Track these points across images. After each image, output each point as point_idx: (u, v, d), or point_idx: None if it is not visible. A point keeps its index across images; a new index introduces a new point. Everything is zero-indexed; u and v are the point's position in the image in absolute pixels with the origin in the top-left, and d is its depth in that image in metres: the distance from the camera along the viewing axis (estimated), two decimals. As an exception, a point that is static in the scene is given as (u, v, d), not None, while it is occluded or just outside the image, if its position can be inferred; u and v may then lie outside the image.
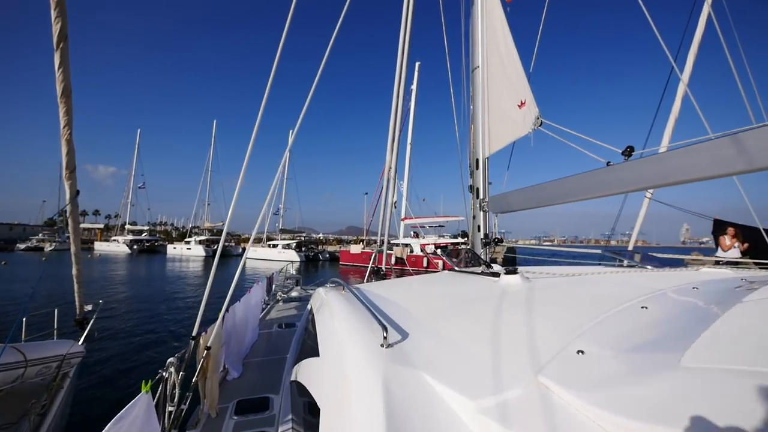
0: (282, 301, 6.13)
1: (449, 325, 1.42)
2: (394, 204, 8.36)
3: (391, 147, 8.31)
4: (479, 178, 4.42)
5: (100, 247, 55.79)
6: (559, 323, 1.34)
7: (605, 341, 1.12)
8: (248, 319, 3.91)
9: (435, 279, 2.83)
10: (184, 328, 9.90)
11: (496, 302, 1.66)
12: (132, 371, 6.80)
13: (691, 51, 6.69)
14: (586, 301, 1.60)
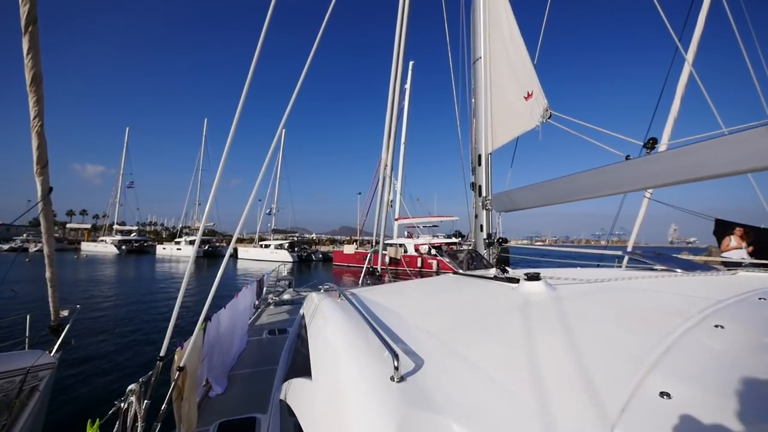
0: (273, 304, 5.84)
1: (472, 347, 1.15)
2: (390, 203, 8.11)
3: (387, 144, 8.05)
4: (481, 175, 4.19)
5: (87, 247, 54.49)
6: (615, 348, 1.06)
7: (693, 378, 0.87)
8: (235, 326, 3.63)
9: (441, 284, 2.58)
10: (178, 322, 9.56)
11: (523, 316, 1.40)
12: (112, 383, 6.42)
13: (697, 30, 6.36)
14: (637, 317, 1.34)
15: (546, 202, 3.29)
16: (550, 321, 1.32)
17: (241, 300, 3.96)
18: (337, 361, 1.16)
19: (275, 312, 5.24)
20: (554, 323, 1.28)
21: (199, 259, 41.52)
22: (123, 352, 7.87)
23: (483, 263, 3.37)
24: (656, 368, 0.90)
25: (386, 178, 7.91)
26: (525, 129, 3.61)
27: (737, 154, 1.80)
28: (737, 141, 1.80)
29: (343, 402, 0.95)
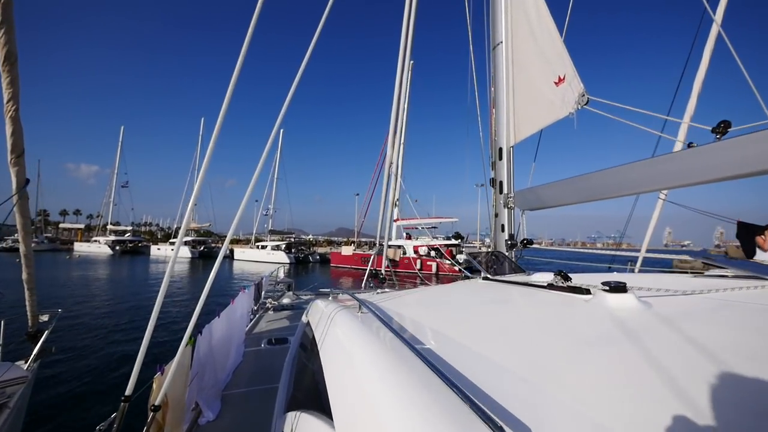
0: (272, 309, 5.43)
1: (587, 401, 0.77)
2: (395, 202, 7.73)
3: (392, 141, 7.70)
4: (503, 170, 3.83)
5: (80, 247, 53.62)
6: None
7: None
8: (231, 337, 3.23)
9: (478, 293, 2.20)
10: (163, 337, 9.07)
11: (627, 347, 1.01)
12: (95, 397, 5.95)
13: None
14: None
15: (582, 199, 2.93)
16: (673, 356, 0.93)
17: (238, 306, 3.57)
18: (382, 414, 0.78)
19: (274, 318, 4.84)
20: (680, 360, 0.90)
21: (194, 260, 40.90)
22: (107, 362, 7.42)
23: (508, 266, 3.00)
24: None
25: (392, 177, 7.55)
26: (555, 118, 3.25)
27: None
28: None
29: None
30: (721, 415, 0.65)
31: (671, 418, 0.66)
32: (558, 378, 0.89)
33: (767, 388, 0.77)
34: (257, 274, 27.37)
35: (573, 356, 1.01)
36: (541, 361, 0.99)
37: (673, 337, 1.07)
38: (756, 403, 0.71)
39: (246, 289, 4.14)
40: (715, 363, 0.87)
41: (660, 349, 0.99)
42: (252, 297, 4.54)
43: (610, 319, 1.26)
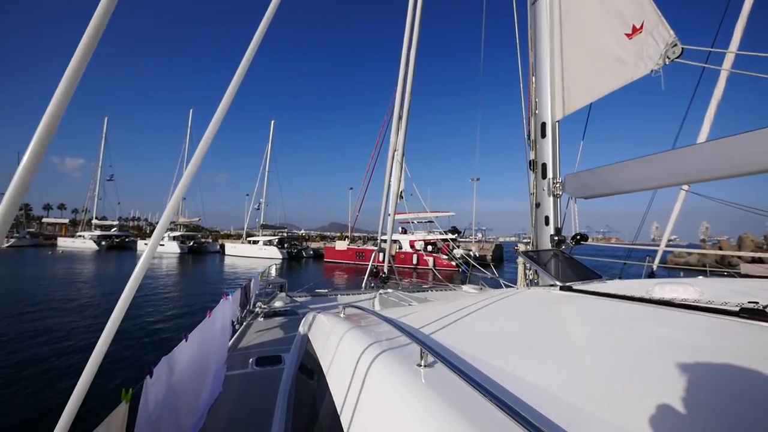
0: (263, 315, 4.67)
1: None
2: (401, 193, 7.02)
3: (397, 126, 6.92)
4: (547, 150, 3.13)
5: (63, 243, 51.83)
6: None
7: None
8: (207, 362, 2.50)
9: (575, 313, 1.51)
10: (135, 347, 8.26)
11: None
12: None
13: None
14: None
15: (663, 183, 2.24)
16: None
17: (218, 318, 2.82)
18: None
19: (265, 328, 4.09)
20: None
21: (183, 256, 39.73)
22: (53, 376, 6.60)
23: (579, 270, 2.30)
24: None
25: (396, 164, 6.77)
26: (627, 79, 2.55)
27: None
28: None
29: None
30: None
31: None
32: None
33: None
34: (249, 269, 26.48)
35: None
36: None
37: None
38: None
39: (230, 295, 3.39)
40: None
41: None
42: (238, 302, 3.78)
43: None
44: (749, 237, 31.81)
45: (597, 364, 0.98)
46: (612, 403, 0.77)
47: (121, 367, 6.78)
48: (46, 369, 6.74)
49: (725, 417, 0.69)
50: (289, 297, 6.21)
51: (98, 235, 50.29)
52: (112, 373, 6.36)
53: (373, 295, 6.92)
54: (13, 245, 48.77)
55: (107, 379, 6.08)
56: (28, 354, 7.41)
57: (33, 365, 6.86)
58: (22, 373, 6.46)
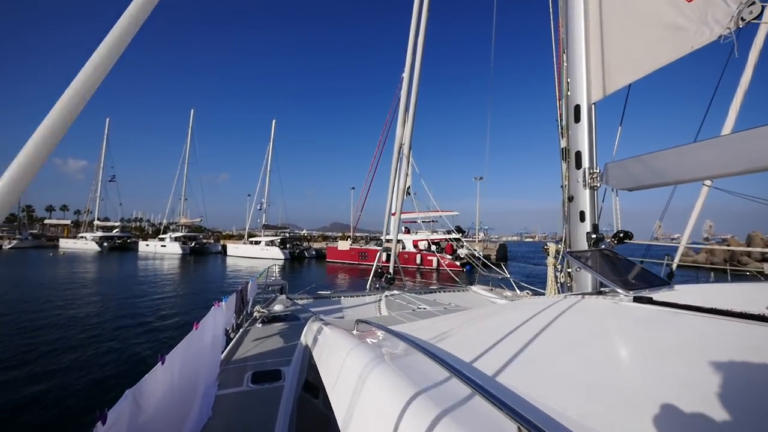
0: (261, 321, 4.32)
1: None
2: (408, 190, 6.64)
3: (404, 118, 6.53)
4: (582, 136, 2.75)
5: (65, 244, 51.72)
6: None
7: None
8: (196, 378, 2.16)
9: (668, 339, 1.13)
10: (135, 345, 7.93)
11: None
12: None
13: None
14: None
15: (731, 171, 1.87)
16: None
17: (207, 330, 2.47)
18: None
19: (263, 336, 3.73)
20: None
21: (185, 257, 39.48)
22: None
23: (646, 276, 1.92)
24: None
25: (402, 160, 6.38)
26: (688, 48, 2.17)
27: None
28: None
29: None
30: None
31: None
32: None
33: None
34: (251, 270, 26.16)
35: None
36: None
37: None
38: None
39: (222, 301, 3.03)
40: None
41: None
42: (232, 310, 3.42)
43: None
44: (758, 235, 31.35)
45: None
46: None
47: (114, 374, 6.45)
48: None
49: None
50: (290, 300, 5.86)
51: (100, 236, 50.15)
52: (106, 378, 6.04)
53: (378, 297, 6.57)
54: (15, 246, 48.68)
55: (101, 380, 5.76)
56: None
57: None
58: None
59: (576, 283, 2.65)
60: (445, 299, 6.07)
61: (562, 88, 2.90)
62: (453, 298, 6.28)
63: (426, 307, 5.31)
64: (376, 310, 5.52)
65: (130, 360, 7.13)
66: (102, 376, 6.31)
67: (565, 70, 2.86)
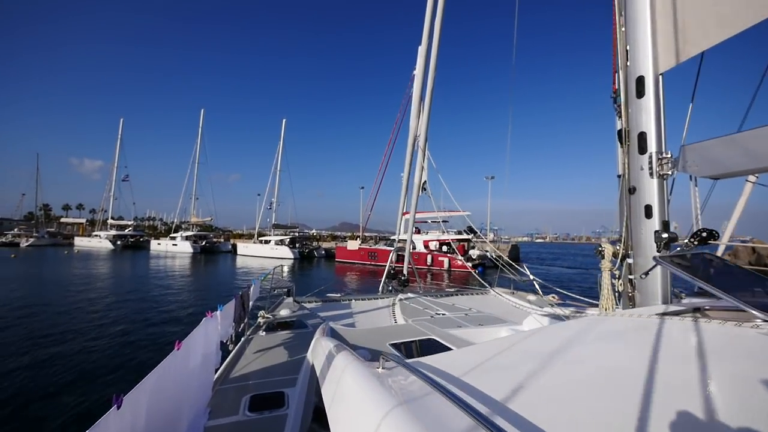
0: (264, 328, 3.91)
1: None
2: (423, 185, 6.19)
3: (419, 108, 6.06)
4: (646, 115, 2.26)
5: (80, 242, 52.68)
6: None
7: None
8: (180, 405, 1.76)
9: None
10: (140, 342, 7.65)
11: None
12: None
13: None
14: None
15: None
16: None
17: (195, 347, 2.06)
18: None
19: (266, 346, 3.32)
20: None
21: (196, 256, 39.67)
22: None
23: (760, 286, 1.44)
24: None
25: (417, 153, 5.89)
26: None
27: None
28: None
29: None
30: None
31: None
32: None
33: None
34: (261, 269, 25.98)
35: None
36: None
37: None
38: None
39: (218, 310, 2.64)
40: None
41: None
42: (231, 318, 3.02)
43: None
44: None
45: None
46: None
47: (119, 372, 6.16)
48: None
49: None
50: (297, 303, 5.47)
51: (114, 235, 50.90)
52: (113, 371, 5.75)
53: (391, 300, 6.15)
54: (32, 244, 49.74)
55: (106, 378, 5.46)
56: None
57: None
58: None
59: (640, 294, 2.17)
60: (463, 303, 5.61)
61: (619, 59, 2.42)
62: (472, 302, 5.81)
63: (445, 313, 4.86)
64: (390, 315, 5.09)
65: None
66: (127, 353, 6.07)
67: (622, 35, 2.39)
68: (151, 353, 7.29)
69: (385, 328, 3.70)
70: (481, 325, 4.20)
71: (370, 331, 3.56)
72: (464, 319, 4.49)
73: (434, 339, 3.16)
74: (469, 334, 3.86)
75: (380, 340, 3.14)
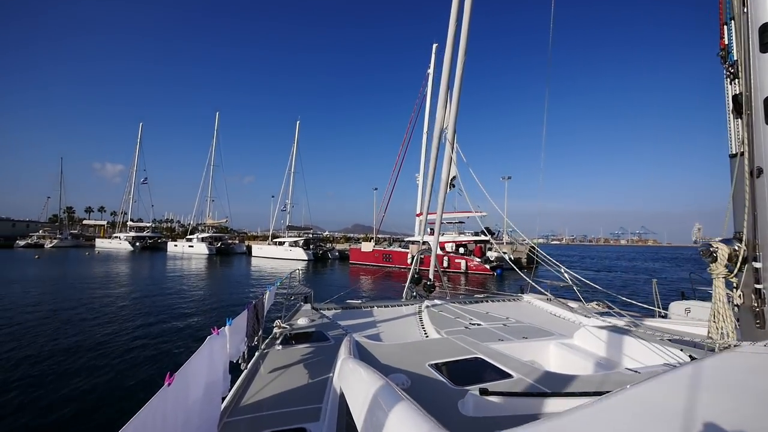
0: (280, 341, 3.47)
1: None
2: (452, 182, 5.68)
3: (445, 98, 5.53)
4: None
5: (101, 244, 54.03)
6: None
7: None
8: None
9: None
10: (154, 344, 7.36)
11: None
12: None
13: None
14: None
15: None
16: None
17: (193, 380, 1.62)
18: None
19: (283, 364, 2.87)
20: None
21: (211, 257, 40.02)
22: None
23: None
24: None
25: (444, 146, 5.34)
26: None
27: None
28: None
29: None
30: None
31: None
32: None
33: None
34: (275, 271, 25.85)
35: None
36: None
37: None
38: None
39: (227, 325, 2.19)
40: None
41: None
42: (243, 333, 2.58)
43: None
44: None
45: None
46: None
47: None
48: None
49: None
50: (316, 310, 5.05)
51: (133, 236, 51.98)
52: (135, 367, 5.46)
53: (416, 307, 5.65)
54: (56, 246, 51.23)
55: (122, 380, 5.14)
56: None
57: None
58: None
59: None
60: (497, 311, 5.06)
61: (732, 5, 1.87)
62: (506, 310, 5.26)
63: (480, 323, 4.33)
64: (418, 325, 4.59)
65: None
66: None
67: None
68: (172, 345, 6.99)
69: (418, 344, 3.20)
70: (526, 338, 3.67)
71: (402, 346, 3.08)
72: (504, 331, 3.96)
73: (481, 358, 2.65)
74: (514, 349, 3.35)
75: (416, 359, 2.65)
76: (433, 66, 32.16)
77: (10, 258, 32.73)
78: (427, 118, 32.52)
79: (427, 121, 32.56)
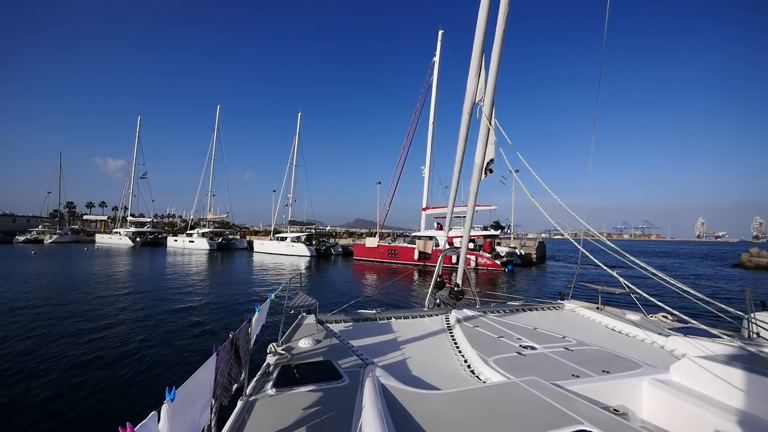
0: (274, 380, 2.47)
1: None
2: (488, 165, 4.65)
3: (479, 66, 4.46)
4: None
5: (101, 239, 53.36)
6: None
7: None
8: None
9: None
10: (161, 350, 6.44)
11: None
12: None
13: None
14: None
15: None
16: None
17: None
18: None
19: (278, 416, 1.90)
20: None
21: (212, 252, 39.22)
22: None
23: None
24: None
25: (482, 124, 4.32)
26: None
27: None
28: None
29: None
30: None
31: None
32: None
33: None
34: (277, 266, 24.92)
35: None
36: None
37: None
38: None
39: (214, 352, 1.19)
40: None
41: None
42: (227, 367, 1.60)
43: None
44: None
45: None
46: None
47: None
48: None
49: None
50: (321, 324, 4.07)
51: (133, 232, 51.26)
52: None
53: (444, 318, 4.66)
54: (55, 241, 50.59)
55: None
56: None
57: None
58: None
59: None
60: (544, 325, 4.06)
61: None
62: (554, 324, 4.26)
63: (534, 345, 3.33)
64: (451, 344, 3.59)
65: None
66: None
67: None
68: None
69: (475, 397, 2.15)
70: (607, 372, 2.68)
71: (455, 399, 2.07)
72: (571, 359, 2.95)
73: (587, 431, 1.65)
74: (600, 391, 2.40)
75: (485, 428, 1.67)
76: (439, 54, 30.92)
77: (7, 254, 31.98)
78: (433, 109, 31.34)
79: (433, 112, 31.38)
